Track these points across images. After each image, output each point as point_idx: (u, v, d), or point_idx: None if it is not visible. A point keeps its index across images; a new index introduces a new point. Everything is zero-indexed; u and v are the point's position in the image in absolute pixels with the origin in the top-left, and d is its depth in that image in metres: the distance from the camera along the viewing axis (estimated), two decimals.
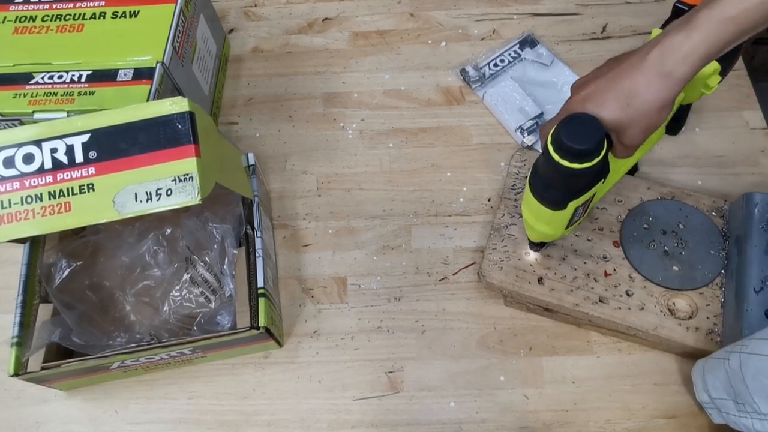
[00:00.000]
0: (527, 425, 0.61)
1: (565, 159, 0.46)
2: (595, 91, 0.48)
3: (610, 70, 0.49)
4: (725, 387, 0.52)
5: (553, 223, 0.54)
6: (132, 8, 0.68)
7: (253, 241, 0.64)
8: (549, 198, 0.51)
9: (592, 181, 0.50)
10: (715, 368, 0.54)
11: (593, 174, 0.48)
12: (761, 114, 0.76)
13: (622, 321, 0.60)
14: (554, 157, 0.46)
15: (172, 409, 0.64)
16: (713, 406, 0.55)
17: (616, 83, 0.47)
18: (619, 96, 0.46)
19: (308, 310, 0.68)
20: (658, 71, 0.45)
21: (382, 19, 0.88)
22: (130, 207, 0.50)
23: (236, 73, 0.85)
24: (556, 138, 0.46)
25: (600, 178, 0.50)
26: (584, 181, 0.49)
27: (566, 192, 0.50)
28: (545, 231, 0.56)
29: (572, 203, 0.50)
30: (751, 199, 0.62)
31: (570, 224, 0.55)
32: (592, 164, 0.46)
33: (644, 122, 0.47)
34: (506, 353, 0.65)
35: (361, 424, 0.62)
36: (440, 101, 0.81)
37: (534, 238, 0.61)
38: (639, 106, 0.46)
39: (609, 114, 0.47)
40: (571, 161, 0.46)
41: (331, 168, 0.77)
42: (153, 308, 0.63)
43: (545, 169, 0.49)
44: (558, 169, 0.47)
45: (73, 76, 0.63)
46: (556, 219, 0.53)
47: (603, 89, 0.48)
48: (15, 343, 0.58)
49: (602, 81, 0.48)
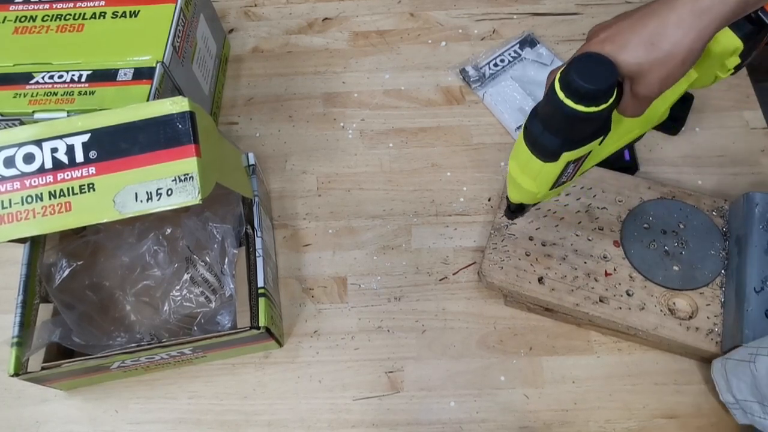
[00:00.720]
0: (527, 425, 0.61)
1: (571, 99, 0.42)
2: (617, 32, 0.44)
3: (636, 11, 0.45)
4: (751, 389, 0.52)
5: (540, 178, 0.50)
6: (132, 8, 0.68)
7: (254, 240, 0.64)
8: (543, 145, 0.47)
9: (593, 134, 0.46)
10: (740, 370, 0.54)
11: (597, 123, 0.45)
12: (761, 114, 0.76)
13: (622, 321, 0.60)
14: (559, 96, 0.43)
15: (172, 409, 0.64)
16: (738, 407, 0.55)
17: (642, 22, 0.43)
18: (643, 35, 0.43)
19: (308, 310, 0.68)
20: (693, 8, 0.42)
21: (382, 19, 0.88)
22: (131, 207, 0.50)
23: (236, 73, 0.85)
24: (565, 75, 0.42)
25: (600, 133, 0.47)
26: (586, 130, 0.46)
27: (563, 140, 0.46)
28: (529, 187, 0.52)
29: (566, 154, 0.47)
30: (751, 199, 0.62)
31: (555, 185, 0.51)
32: (598, 109, 0.42)
33: (665, 68, 0.43)
34: (506, 353, 0.65)
35: (362, 424, 0.62)
36: (440, 101, 0.81)
37: (515, 198, 0.56)
38: (664, 47, 0.42)
39: (629, 56, 0.43)
40: (577, 102, 0.42)
41: (331, 168, 0.77)
42: (153, 308, 0.63)
43: (546, 111, 0.45)
44: (561, 110, 0.43)
45: (73, 76, 0.63)
46: (545, 173, 0.49)
47: (626, 29, 0.44)
48: (15, 343, 0.58)
49: (626, 21, 0.44)
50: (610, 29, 0.45)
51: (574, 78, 0.41)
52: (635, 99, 0.45)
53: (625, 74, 0.44)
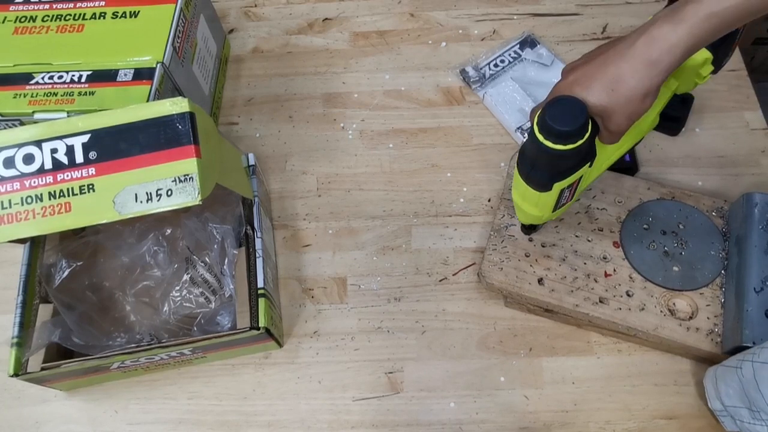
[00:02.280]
0: (527, 426, 0.61)
1: (549, 140, 0.47)
2: (583, 75, 0.49)
3: (598, 56, 0.50)
4: (739, 395, 0.52)
5: (540, 204, 0.55)
6: (132, 8, 0.68)
7: (253, 241, 0.64)
8: (535, 179, 0.52)
9: (577, 164, 0.51)
10: (728, 376, 0.54)
11: (577, 156, 0.49)
12: (761, 114, 0.76)
13: (622, 321, 0.60)
14: (539, 138, 0.48)
15: (172, 409, 0.64)
16: (726, 413, 0.55)
17: (602, 69, 0.48)
18: (604, 81, 0.48)
19: (308, 311, 0.68)
20: (644, 59, 0.46)
21: (382, 19, 0.88)
22: (131, 207, 0.50)
23: (236, 73, 0.85)
24: (541, 119, 0.47)
25: (585, 161, 0.51)
26: (568, 163, 0.50)
27: (551, 173, 0.51)
28: (533, 213, 0.56)
29: (557, 185, 0.51)
30: (751, 199, 0.62)
31: (557, 207, 0.56)
32: (575, 146, 0.47)
33: (628, 109, 0.48)
34: (506, 354, 0.65)
35: (361, 425, 0.62)
36: (440, 101, 0.81)
37: (524, 220, 0.61)
38: (623, 92, 0.47)
39: (594, 99, 0.48)
40: (555, 142, 0.47)
41: (331, 168, 0.77)
42: (153, 308, 0.63)
43: (531, 151, 0.50)
44: (542, 150, 0.48)
45: (73, 77, 0.63)
46: (543, 201, 0.54)
47: (590, 74, 0.49)
48: (15, 344, 0.58)
49: (590, 66, 0.49)
50: (577, 72, 0.50)
51: (548, 122, 0.46)
52: (609, 132, 0.50)
53: (594, 114, 0.49)
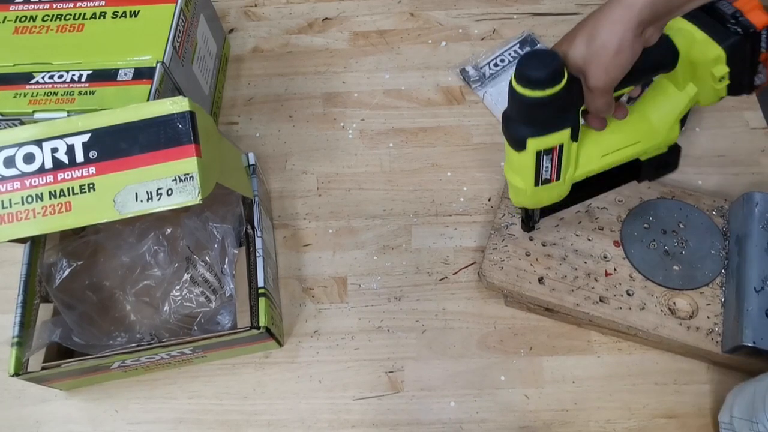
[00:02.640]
0: (527, 425, 0.61)
1: (520, 84, 0.49)
2: (571, 33, 0.51)
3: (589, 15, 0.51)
4: (747, 407, 0.52)
5: (521, 171, 0.55)
6: (132, 8, 0.68)
7: (254, 240, 0.64)
8: (512, 135, 0.53)
9: (552, 120, 0.52)
10: (747, 388, 0.54)
11: (551, 107, 0.50)
12: (761, 114, 0.76)
13: (622, 321, 0.60)
14: (514, 86, 0.49)
15: (172, 409, 0.64)
16: (730, 427, 0.55)
17: (583, 23, 0.50)
18: (584, 33, 0.49)
19: (308, 310, 0.68)
20: (619, 4, 0.47)
21: (382, 19, 0.88)
22: (131, 207, 0.50)
23: (236, 73, 0.85)
24: (517, 68, 0.49)
25: (563, 123, 0.52)
26: (543, 115, 0.51)
27: (525, 125, 0.52)
28: (517, 183, 0.57)
29: (532, 141, 0.52)
30: (751, 199, 0.62)
31: (539, 180, 0.56)
32: (545, 94, 0.48)
33: (604, 59, 0.48)
34: (506, 353, 0.65)
35: (362, 424, 0.62)
36: (440, 101, 0.81)
37: (514, 200, 0.61)
38: (598, 41, 0.48)
39: (575, 51, 0.49)
40: (526, 87, 0.49)
41: (331, 168, 0.77)
42: (153, 308, 0.63)
43: (509, 103, 0.52)
44: (516, 99, 0.50)
45: (73, 76, 0.63)
46: (522, 164, 0.55)
47: (573, 31, 0.50)
48: (15, 343, 0.58)
49: (579, 24, 0.51)
50: (569, 32, 0.52)
51: (522, 69, 0.49)
52: (590, 92, 0.51)
53: (576, 70, 0.50)
